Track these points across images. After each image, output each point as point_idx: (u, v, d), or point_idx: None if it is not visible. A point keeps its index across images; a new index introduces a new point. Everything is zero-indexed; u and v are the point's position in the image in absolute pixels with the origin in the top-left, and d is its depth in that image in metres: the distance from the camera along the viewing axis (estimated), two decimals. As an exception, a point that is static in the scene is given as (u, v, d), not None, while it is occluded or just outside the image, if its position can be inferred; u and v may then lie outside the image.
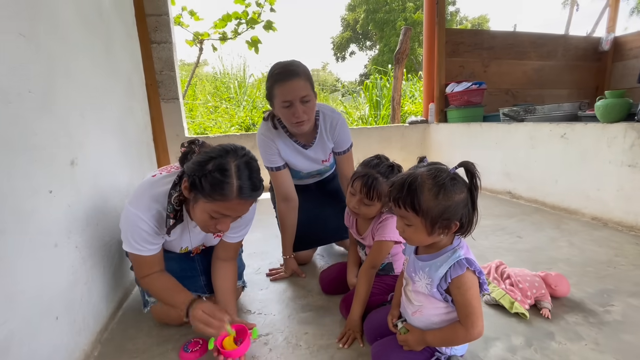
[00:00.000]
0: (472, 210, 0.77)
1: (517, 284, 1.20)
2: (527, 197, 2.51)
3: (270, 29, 3.71)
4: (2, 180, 0.73)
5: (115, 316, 1.24)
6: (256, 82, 5.39)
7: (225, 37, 3.76)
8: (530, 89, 3.85)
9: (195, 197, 0.90)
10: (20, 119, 0.81)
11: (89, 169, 1.14)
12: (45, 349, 0.84)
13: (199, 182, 0.87)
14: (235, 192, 0.87)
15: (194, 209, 0.93)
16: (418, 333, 0.85)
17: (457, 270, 0.77)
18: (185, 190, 0.92)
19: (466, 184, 0.78)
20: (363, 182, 1.09)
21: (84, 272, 1.05)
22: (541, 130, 2.34)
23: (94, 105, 1.24)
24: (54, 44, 0.99)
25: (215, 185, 0.86)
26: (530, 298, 1.16)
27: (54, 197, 0.92)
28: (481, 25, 20.35)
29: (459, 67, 3.56)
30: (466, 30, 4.83)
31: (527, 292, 1.17)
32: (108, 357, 1.03)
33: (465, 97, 3.17)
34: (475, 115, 3.17)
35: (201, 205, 0.90)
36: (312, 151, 1.46)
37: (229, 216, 0.92)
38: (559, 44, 3.87)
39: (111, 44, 1.51)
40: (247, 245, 1.54)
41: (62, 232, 0.95)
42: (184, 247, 1.15)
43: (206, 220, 0.92)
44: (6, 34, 0.78)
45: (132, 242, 0.98)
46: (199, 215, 0.92)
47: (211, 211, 0.90)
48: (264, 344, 1.07)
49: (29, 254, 0.80)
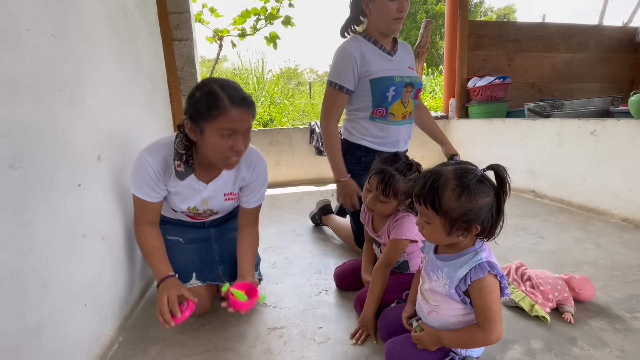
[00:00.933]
0: (496, 215, 0.75)
1: (538, 286, 1.16)
2: (551, 196, 2.41)
3: (288, 24, 3.71)
4: (35, 174, 0.77)
5: (138, 304, 1.30)
6: (274, 78, 5.42)
7: (244, 33, 3.80)
8: (558, 83, 3.68)
9: (200, 127, 0.98)
10: (51, 116, 0.85)
11: (115, 164, 1.19)
12: (75, 334, 0.89)
13: (196, 111, 0.96)
14: (228, 101, 0.95)
15: (205, 143, 0.99)
16: (433, 333, 0.84)
17: (479, 273, 0.75)
18: (190, 131, 1.00)
19: (494, 188, 0.75)
20: (379, 179, 1.08)
21: (109, 262, 1.10)
22: (569, 126, 2.23)
23: (119, 102, 1.29)
24: (81, 44, 1.03)
25: (209, 105, 0.95)
26: (552, 301, 1.12)
27: (83, 190, 0.97)
28: (507, 16, 19.51)
29: (482, 61, 3.44)
30: (490, 22, 4.65)
31: (548, 294, 1.13)
32: (131, 343, 1.08)
33: (488, 91, 3.06)
34: (498, 110, 3.07)
35: (208, 132, 0.97)
36: (398, 57, 1.54)
37: (237, 131, 0.98)
38: (591, 35, 3.66)
39: (135, 43, 1.56)
40: (263, 240, 1.56)
41: (90, 224, 1.00)
42: (192, 206, 1.16)
43: (220, 144, 0.98)
44: (40, 35, 0.82)
45: (137, 184, 1.07)
46: (211, 142, 0.98)
47: (218, 130, 0.96)
48: (279, 336, 1.09)
49: (59, 243, 0.85)
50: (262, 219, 1.59)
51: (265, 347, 1.04)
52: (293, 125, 4.22)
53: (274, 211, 2.53)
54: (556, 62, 3.63)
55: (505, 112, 3.08)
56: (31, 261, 0.74)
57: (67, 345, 0.85)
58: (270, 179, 3.40)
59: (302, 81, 9.10)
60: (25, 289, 0.72)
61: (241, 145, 1.00)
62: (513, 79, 3.21)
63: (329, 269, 1.52)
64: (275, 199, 2.83)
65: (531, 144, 2.53)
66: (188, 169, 1.07)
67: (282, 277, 1.49)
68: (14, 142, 0.72)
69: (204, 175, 1.13)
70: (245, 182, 1.19)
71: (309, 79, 10.81)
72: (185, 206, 1.16)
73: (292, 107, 4.98)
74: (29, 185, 0.75)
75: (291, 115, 4.80)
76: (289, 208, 2.55)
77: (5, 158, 0.69)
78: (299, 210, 2.48)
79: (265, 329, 1.13)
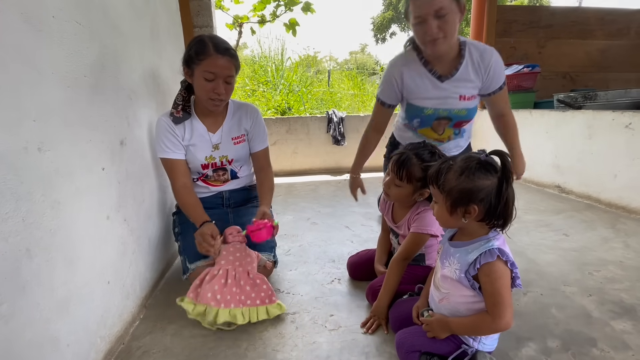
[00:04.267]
0: (496, 198, 0.75)
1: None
2: (578, 192, 2.30)
3: (308, 10, 3.66)
4: (62, 157, 0.81)
5: (158, 284, 1.36)
6: (293, 66, 5.39)
7: (264, 19, 3.77)
8: (592, 72, 3.46)
9: (192, 71, 1.17)
10: (77, 102, 0.88)
11: (136, 149, 1.23)
12: (99, 309, 0.94)
13: (189, 56, 1.17)
14: (212, 48, 1.14)
15: (195, 86, 1.19)
16: (442, 319, 0.85)
17: (487, 257, 0.77)
18: (186, 75, 1.21)
19: (498, 173, 0.76)
20: (395, 161, 1.07)
21: (131, 242, 1.15)
22: (602, 118, 2.11)
23: (140, 88, 1.32)
24: (105, 31, 1.06)
25: (198, 50, 1.15)
26: None
27: (106, 174, 1.01)
28: (540, 0, 18.38)
29: (510, 49, 3.28)
30: (521, 6, 4.41)
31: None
32: (151, 321, 1.14)
33: (514, 81, 2.92)
34: (525, 101, 2.93)
35: (196, 74, 1.16)
36: (453, 82, 1.30)
37: (218, 76, 1.16)
38: (632, 20, 3.40)
39: (156, 30, 1.58)
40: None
41: (113, 206, 1.04)
42: (207, 155, 1.33)
43: (205, 85, 1.16)
44: (66, 22, 0.85)
45: (160, 144, 1.25)
46: (198, 84, 1.18)
47: (203, 72, 1.15)
48: (291, 322, 1.11)
49: (84, 224, 0.89)
50: (278, 205, 1.61)
51: (277, 331, 1.07)
52: (311, 114, 4.20)
53: (290, 199, 2.55)
54: (591, 50, 3.40)
55: (532, 103, 2.93)
56: (59, 239, 0.78)
57: (92, 320, 0.91)
58: (286, 167, 3.44)
59: (321, 69, 8.99)
60: (55, 265, 0.77)
61: (221, 89, 1.18)
62: (543, 67, 3.04)
63: (343, 258, 1.53)
64: (292, 187, 2.85)
65: (559, 136, 2.41)
66: (186, 114, 1.27)
67: (296, 264, 1.51)
68: (43, 126, 0.75)
69: (211, 127, 1.32)
70: (248, 127, 1.39)
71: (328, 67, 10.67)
72: (203, 156, 1.32)
73: (310, 95, 4.95)
74: (56, 167, 0.79)
75: (309, 104, 4.77)
76: (304, 197, 2.57)
77: (35, 141, 0.73)
78: (314, 198, 2.49)
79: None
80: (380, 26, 21.55)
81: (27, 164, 0.70)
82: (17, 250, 0.66)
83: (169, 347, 1.02)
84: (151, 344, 1.03)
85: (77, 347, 0.83)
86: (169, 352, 0.99)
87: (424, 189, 1.07)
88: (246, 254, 1.19)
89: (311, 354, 0.97)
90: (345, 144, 3.37)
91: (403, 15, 1.31)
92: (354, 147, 1.61)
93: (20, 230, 0.67)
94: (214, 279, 1.09)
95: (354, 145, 1.59)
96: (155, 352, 1.00)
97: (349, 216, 2.10)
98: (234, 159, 1.38)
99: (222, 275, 1.10)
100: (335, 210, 2.22)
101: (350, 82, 6.23)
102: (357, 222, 2.01)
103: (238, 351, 0.99)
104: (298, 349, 0.99)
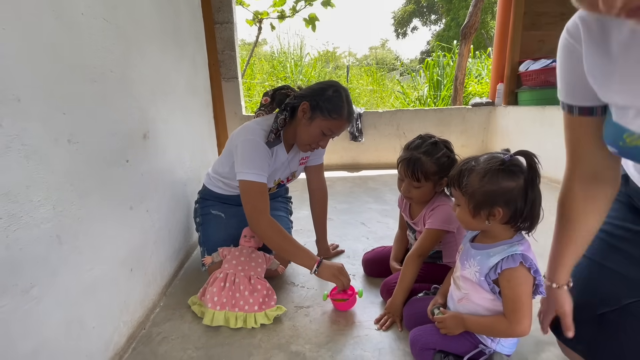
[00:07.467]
0: (523, 201, 0.72)
1: None
2: (608, 193, 2.19)
3: (328, 5, 3.64)
4: (89, 149, 0.85)
5: (178, 274, 1.41)
6: (312, 61, 5.38)
7: (283, 15, 3.78)
8: (628, 66, 3.26)
9: (313, 116, 1.15)
10: (103, 96, 0.92)
11: (159, 143, 1.27)
12: (123, 295, 0.99)
13: (321, 103, 1.14)
14: (346, 114, 1.16)
15: (307, 128, 1.17)
16: (457, 315, 0.84)
17: (510, 262, 0.74)
18: (302, 112, 1.16)
19: (524, 174, 0.73)
20: (405, 166, 1.06)
21: (153, 233, 1.19)
22: (636, 116, 1.98)
23: (163, 84, 1.36)
24: (130, 27, 1.09)
25: (335, 106, 1.14)
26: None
27: (130, 166, 1.05)
28: (572, -9, 17.43)
29: (538, 42, 3.13)
30: (551, -2, 4.19)
31: None
32: (171, 308, 1.18)
33: (542, 76, 2.80)
34: (553, 97, 2.78)
35: (318, 123, 1.15)
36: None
37: (333, 134, 1.19)
38: (675, 11, 3.17)
39: (178, 26, 1.61)
40: (295, 222, 1.60)
41: (136, 197, 1.08)
42: (277, 178, 1.34)
43: (317, 136, 1.18)
44: (94, 19, 0.88)
45: (257, 169, 1.14)
46: (313, 131, 1.17)
47: (325, 128, 1.16)
48: (305, 315, 1.13)
49: (109, 213, 0.93)
50: (295, 200, 1.63)
51: (291, 323, 1.09)
52: (329, 110, 4.18)
53: (306, 195, 2.54)
54: (628, 43, 3.21)
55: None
56: (85, 227, 0.82)
57: (115, 305, 0.95)
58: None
59: (340, 65, 8.93)
60: (82, 252, 0.81)
61: (326, 145, 1.24)
62: (573, 62, 2.90)
63: (358, 254, 1.52)
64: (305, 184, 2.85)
65: (589, 134, 2.29)
66: (277, 140, 1.22)
67: (311, 258, 1.52)
68: (72, 119, 0.79)
69: (287, 148, 1.30)
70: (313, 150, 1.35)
71: (347, 63, 10.59)
72: (273, 181, 1.32)
73: (328, 91, 4.93)
74: (84, 158, 0.82)
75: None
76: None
77: (64, 133, 0.76)
78: (330, 194, 2.46)
79: (292, 306, 1.17)
80: (401, 20, 21.13)
81: (57, 154, 0.74)
82: (48, 236, 0.70)
83: (187, 334, 1.05)
84: (170, 330, 1.07)
85: (101, 330, 0.88)
86: (186, 339, 1.03)
87: (443, 179, 1.06)
88: (252, 258, 1.20)
89: (324, 348, 0.98)
90: (363, 140, 3.35)
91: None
92: (371, 144, 1.59)
93: (51, 218, 0.71)
94: (215, 282, 1.13)
95: (371, 142, 1.57)
96: (174, 338, 1.03)
97: (365, 213, 2.09)
98: (289, 177, 1.41)
99: (222, 279, 1.13)
100: (351, 207, 2.21)
101: (369, 77, 6.16)
102: (373, 218, 1.99)
103: (253, 341, 1.01)
104: (311, 342, 1.00)
